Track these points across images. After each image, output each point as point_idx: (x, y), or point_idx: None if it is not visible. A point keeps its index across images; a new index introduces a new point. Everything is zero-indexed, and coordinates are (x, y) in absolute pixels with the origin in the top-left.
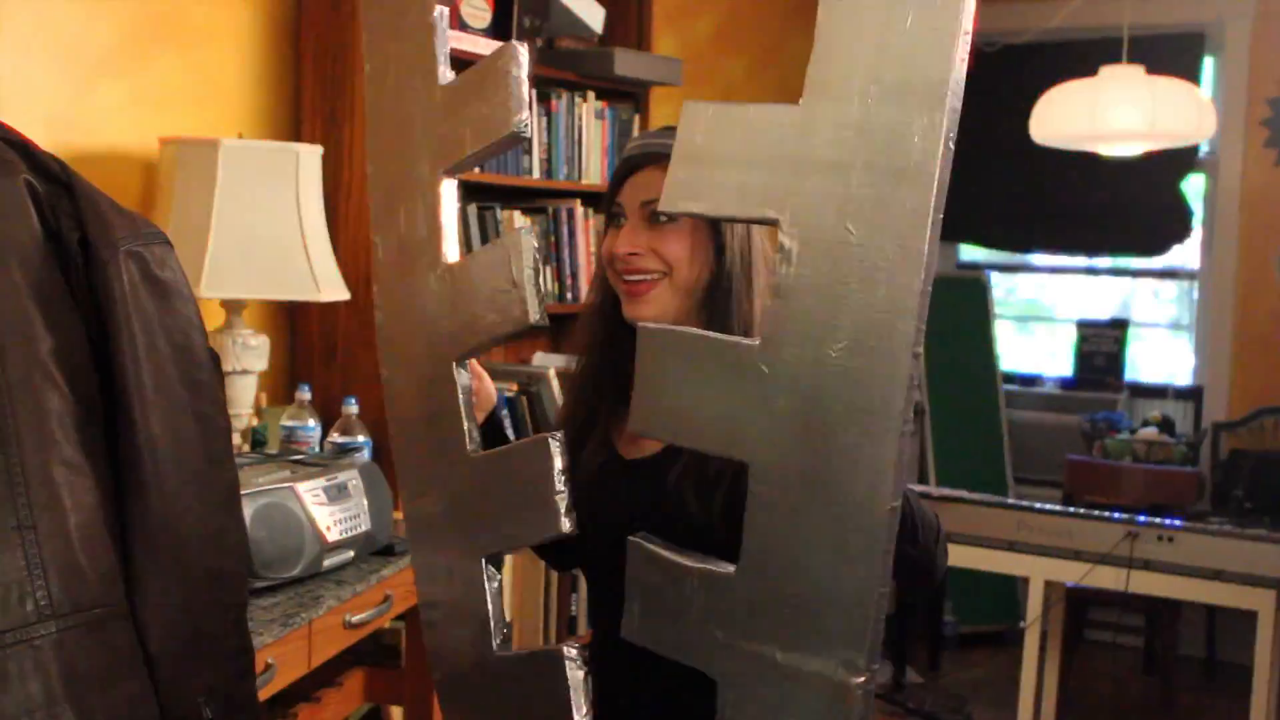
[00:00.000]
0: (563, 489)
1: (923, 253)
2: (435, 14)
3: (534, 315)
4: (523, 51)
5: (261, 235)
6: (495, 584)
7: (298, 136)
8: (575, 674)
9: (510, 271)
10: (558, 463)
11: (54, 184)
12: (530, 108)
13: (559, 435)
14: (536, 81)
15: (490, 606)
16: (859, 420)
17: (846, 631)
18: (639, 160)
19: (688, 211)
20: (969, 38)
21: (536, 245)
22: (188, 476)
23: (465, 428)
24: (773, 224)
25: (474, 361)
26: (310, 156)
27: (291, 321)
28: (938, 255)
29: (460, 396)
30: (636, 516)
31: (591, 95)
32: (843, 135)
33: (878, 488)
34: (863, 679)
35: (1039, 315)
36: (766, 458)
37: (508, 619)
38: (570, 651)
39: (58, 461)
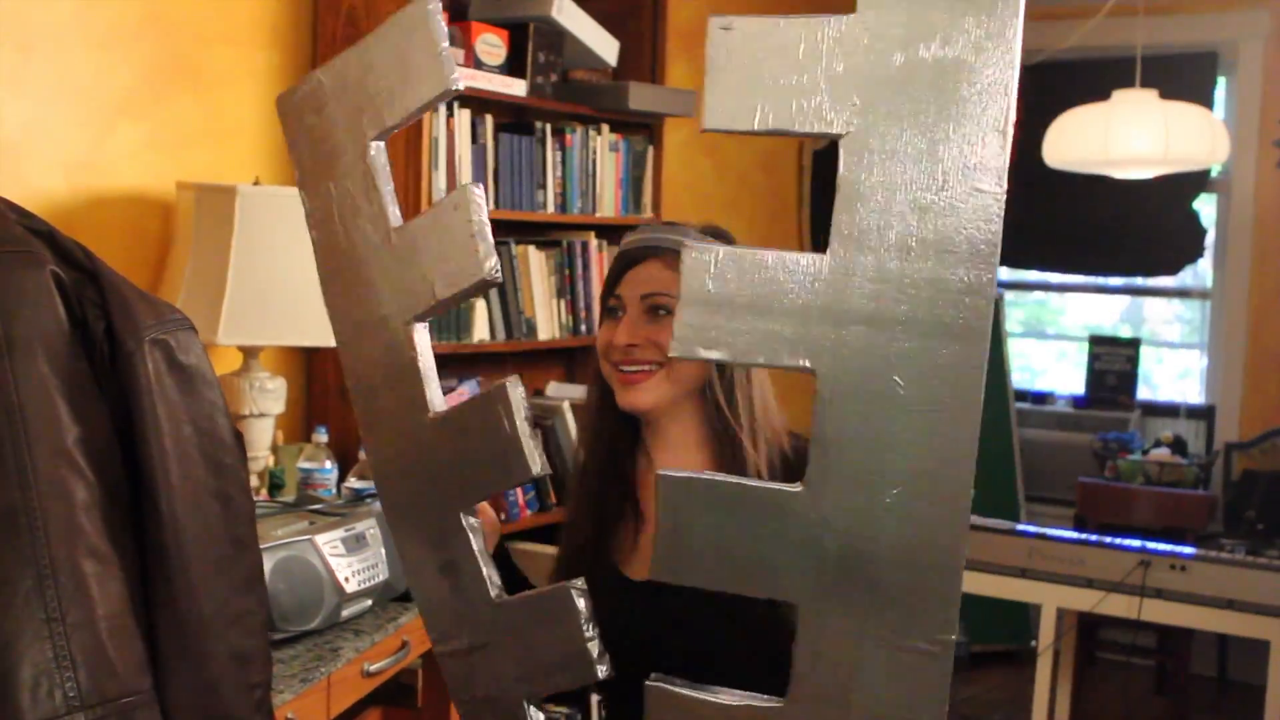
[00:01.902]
0: (593, 636)
1: (978, 403)
2: (373, 152)
3: (536, 468)
4: (479, 194)
5: (279, 281)
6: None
7: None
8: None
9: (503, 426)
10: (583, 612)
11: (79, 272)
12: (545, 142)
13: (580, 584)
14: (552, 116)
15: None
16: (917, 559)
17: None
18: (638, 254)
19: (707, 359)
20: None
21: (525, 397)
22: (212, 561)
23: (484, 574)
24: (807, 373)
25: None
26: None
27: (308, 362)
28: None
29: (473, 544)
30: (646, 640)
31: (605, 128)
32: (882, 289)
33: (941, 624)
34: None
35: (1051, 333)
36: (815, 599)
37: None
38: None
39: (85, 552)
